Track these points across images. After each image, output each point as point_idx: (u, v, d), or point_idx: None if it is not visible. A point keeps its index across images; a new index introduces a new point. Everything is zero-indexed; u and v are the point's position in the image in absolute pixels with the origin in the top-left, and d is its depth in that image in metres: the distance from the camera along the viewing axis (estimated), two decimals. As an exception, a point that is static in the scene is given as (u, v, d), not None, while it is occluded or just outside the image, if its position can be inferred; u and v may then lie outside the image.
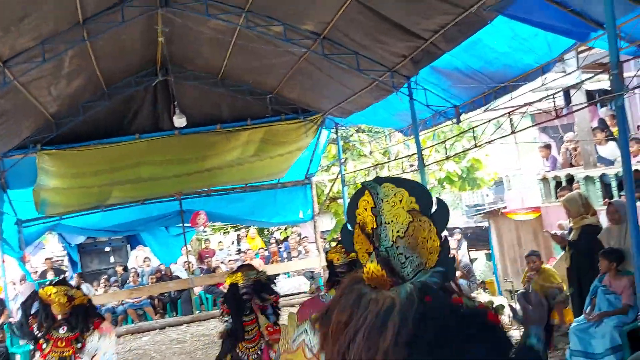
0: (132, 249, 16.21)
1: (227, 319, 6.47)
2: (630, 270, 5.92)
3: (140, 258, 15.16)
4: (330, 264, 6.66)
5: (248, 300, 6.36)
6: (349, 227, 2.27)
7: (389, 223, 2.10)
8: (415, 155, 10.20)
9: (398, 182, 2.14)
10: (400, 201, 2.10)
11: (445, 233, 2.12)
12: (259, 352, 6.45)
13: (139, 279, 14.00)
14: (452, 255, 2.07)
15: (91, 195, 11.99)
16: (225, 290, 6.57)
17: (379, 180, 2.17)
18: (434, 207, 2.08)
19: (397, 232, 2.08)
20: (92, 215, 13.37)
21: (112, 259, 15.72)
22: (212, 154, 11.63)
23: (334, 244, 7.16)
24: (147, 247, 15.54)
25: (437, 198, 2.10)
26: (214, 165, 12.02)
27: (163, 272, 14.10)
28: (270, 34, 8.82)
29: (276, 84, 11.23)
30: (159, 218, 13.79)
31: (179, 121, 10.61)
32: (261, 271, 6.77)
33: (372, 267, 1.98)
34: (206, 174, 12.14)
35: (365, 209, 2.16)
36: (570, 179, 9.70)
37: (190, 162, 11.64)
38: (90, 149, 10.74)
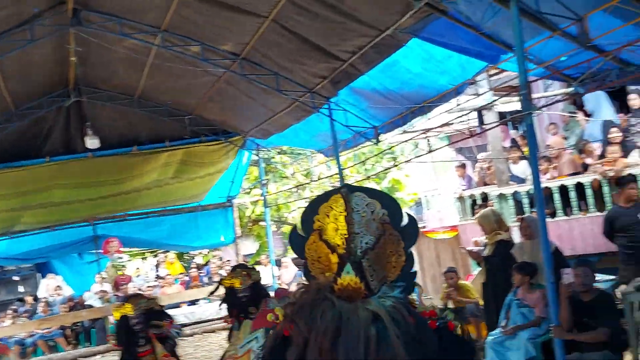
0: (42, 277, 15.44)
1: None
2: (542, 284, 6.12)
3: (51, 287, 14.44)
4: (230, 291, 6.52)
5: (141, 331, 6.17)
6: (302, 232, 2.12)
7: (357, 234, 2.01)
8: (337, 176, 10.26)
9: (371, 192, 2.08)
10: (372, 212, 2.03)
11: (411, 249, 2.08)
12: None
13: (50, 309, 13.32)
14: (413, 270, 2.04)
15: (-1, 220, 11.39)
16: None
17: (351, 189, 2.08)
18: (404, 222, 2.05)
19: (367, 243, 2.00)
20: (-2, 242, 12.66)
21: (20, 289, 14.92)
22: (129, 176, 11.29)
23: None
24: (59, 275, 14.84)
25: (407, 213, 2.06)
26: (131, 188, 11.66)
27: (76, 301, 13.48)
28: (188, 53, 8.69)
29: (195, 105, 11.06)
30: (71, 244, 13.18)
31: (92, 142, 10.25)
32: (151, 299, 6.61)
33: (348, 279, 1.90)
34: (123, 197, 11.75)
35: (328, 215, 2.06)
36: (485, 197, 10.02)
37: (106, 185, 11.24)
38: (-1, 172, 10.22)
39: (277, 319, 1.97)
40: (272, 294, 7.25)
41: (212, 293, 7.16)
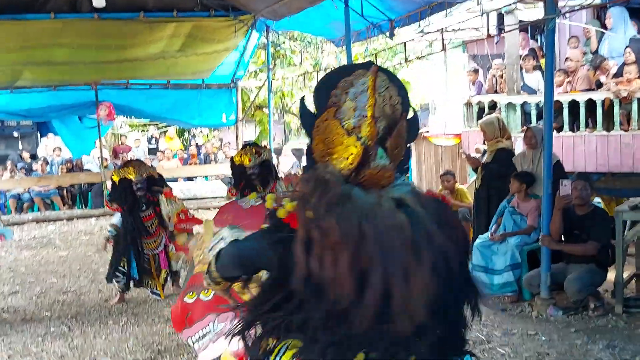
0: (42, 136, 15.47)
1: (116, 220, 6.28)
2: (539, 195, 6.11)
3: (50, 147, 14.52)
4: (240, 168, 6.55)
5: (144, 195, 6.20)
6: (314, 107, 1.89)
7: (378, 117, 1.80)
8: (345, 67, 10.00)
9: (391, 76, 1.89)
10: (390, 97, 1.86)
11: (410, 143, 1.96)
12: (159, 247, 6.33)
13: (48, 168, 13.44)
14: (408, 167, 1.94)
15: (0, 73, 11.20)
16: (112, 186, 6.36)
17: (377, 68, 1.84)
18: (411, 115, 1.91)
19: (383, 130, 1.82)
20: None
21: (20, 145, 14.97)
22: (133, 43, 10.98)
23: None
24: (58, 136, 14.84)
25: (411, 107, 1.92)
26: (135, 56, 11.38)
27: (74, 164, 13.58)
28: None
29: (207, -24, 10.60)
30: (72, 106, 13.07)
31: (98, 1, 9.88)
32: (152, 166, 6.64)
33: (381, 165, 1.74)
34: (126, 64, 11.49)
35: (347, 92, 1.82)
36: (494, 105, 9.82)
37: (110, 50, 10.94)
38: (1, 24, 9.90)
39: (279, 206, 1.80)
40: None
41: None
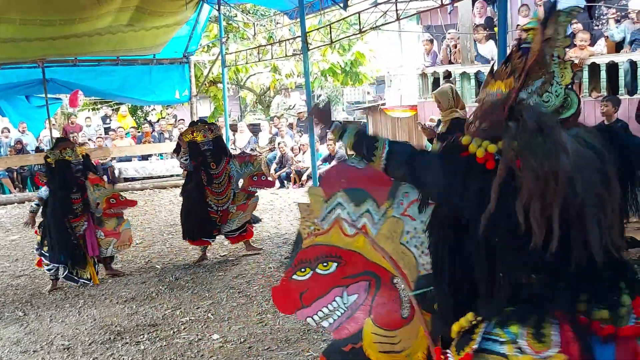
0: (-12, 118, 14.92)
1: (43, 194, 6.12)
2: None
3: (-3, 128, 14.02)
4: (193, 144, 6.52)
5: (77, 178, 6.09)
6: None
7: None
8: (300, 39, 9.88)
9: None
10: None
11: None
12: (83, 229, 6.22)
13: (-5, 150, 13.01)
14: None
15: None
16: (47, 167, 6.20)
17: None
18: None
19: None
20: (-60, 77, 12.01)
21: (-36, 128, 14.40)
22: (80, 17, 10.56)
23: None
24: (6, 117, 14.34)
25: None
26: (82, 32, 10.98)
27: (24, 144, 13.15)
28: None
29: (155, -54, 10.28)
30: (18, 85, 12.56)
31: (41, -25, 9.49)
32: (78, 144, 6.54)
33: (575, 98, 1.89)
34: (73, 40, 11.08)
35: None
36: (448, 75, 9.89)
37: (55, 25, 10.52)
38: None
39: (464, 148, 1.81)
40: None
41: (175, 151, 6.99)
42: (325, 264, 2.56)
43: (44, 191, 6.18)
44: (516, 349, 1.71)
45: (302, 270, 2.59)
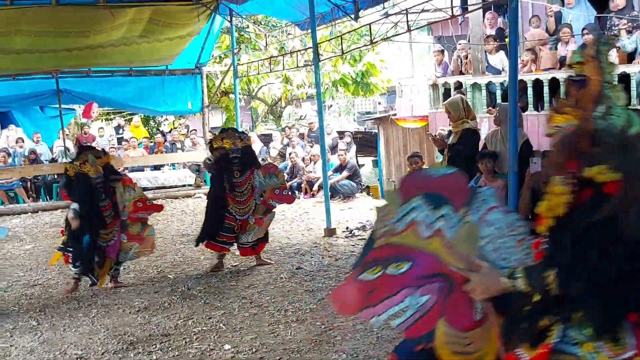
0: (2, 128, 15.09)
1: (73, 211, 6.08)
2: (506, 174, 6.16)
3: (12, 138, 14.16)
4: (221, 150, 6.55)
5: (102, 186, 6.10)
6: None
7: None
8: (311, 50, 9.95)
9: None
10: None
11: None
12: (114, 238, 6.24)
13: (10, 160, 13.12)
14: None
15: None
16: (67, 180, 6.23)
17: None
18: None
19: None
20: (-43, 87, 12.18)
21: (-21, 137, 14.59)
22: (94, 30, 10.72)
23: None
24: (20, 127, 14.50)
25: None
26: (97, 43, 11.13)
27: (38, 154, 13.27)
28: None
29: (169, -40, 10.41)
30: (32, 96, 12.73)
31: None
32: (105, 153, 6.55)
33: None
34: (87, 51, 11.23)
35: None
36: (459, 86, 9.90)
37: (70, 37, 10.68)
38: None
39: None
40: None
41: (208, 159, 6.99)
42: (397, 264, 2.53)
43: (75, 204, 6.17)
44: (592, 351, 1.74)
45: (372, 269, 2.56)
